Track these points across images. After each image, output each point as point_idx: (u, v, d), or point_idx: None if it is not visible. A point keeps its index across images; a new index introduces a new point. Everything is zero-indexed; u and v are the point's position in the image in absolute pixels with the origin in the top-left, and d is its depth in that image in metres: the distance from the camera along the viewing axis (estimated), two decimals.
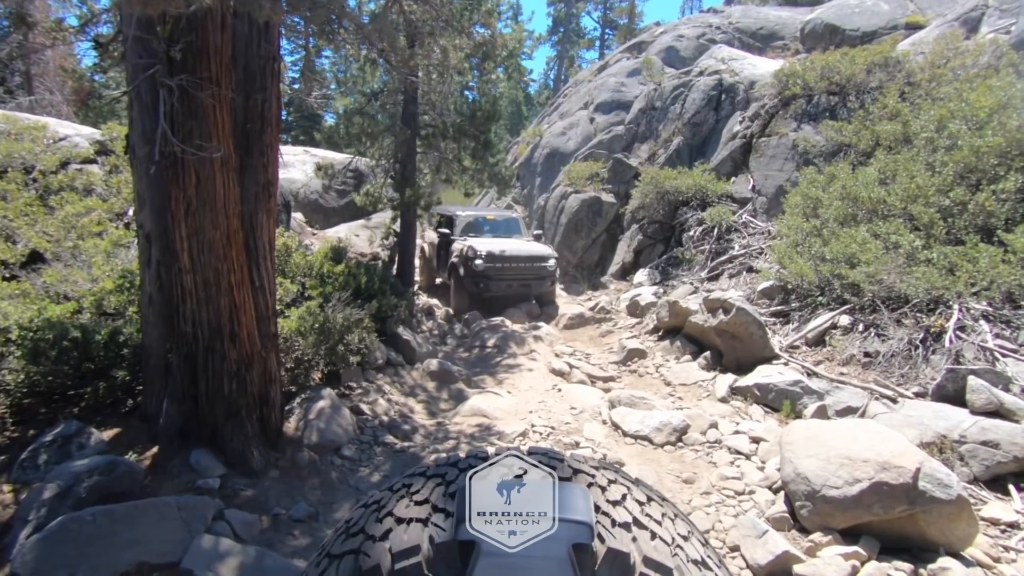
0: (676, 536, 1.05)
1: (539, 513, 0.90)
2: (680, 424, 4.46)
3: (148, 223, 3.67)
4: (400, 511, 1.04)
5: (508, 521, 0.90)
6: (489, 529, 0.88)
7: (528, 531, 0.88)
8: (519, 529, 0.88)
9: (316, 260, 6.17)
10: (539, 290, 9.43)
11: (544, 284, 9.36)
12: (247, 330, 3.62)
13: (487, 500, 0.93)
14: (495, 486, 0.97)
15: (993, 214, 5.53)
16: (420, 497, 1.06)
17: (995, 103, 6.32)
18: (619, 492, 1.09)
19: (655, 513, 1.08)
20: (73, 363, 3.72)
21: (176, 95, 3.06)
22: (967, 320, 4.84)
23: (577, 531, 0.89)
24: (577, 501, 0.95)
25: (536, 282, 9.24)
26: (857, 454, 3.05)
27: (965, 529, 2.89)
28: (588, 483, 1.08)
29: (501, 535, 0.88)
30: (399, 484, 1.17)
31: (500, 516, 0.90)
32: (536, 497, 0.94)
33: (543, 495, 0.94)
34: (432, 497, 1.04)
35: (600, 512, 0.99)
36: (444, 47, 5.82)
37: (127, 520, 2.70)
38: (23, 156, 7.70)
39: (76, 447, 3.29)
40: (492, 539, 0.87)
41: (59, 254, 6.13)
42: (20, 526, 2.72)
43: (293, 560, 2.85)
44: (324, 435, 4.03)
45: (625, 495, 1.08)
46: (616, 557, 0.90)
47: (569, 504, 0.93)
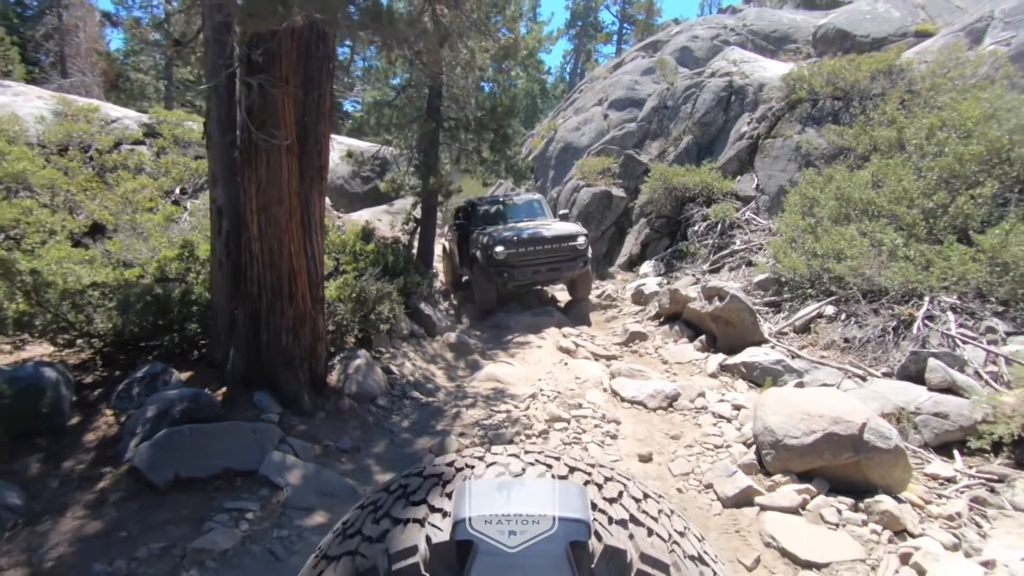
0: (673, 532, 1.05)
1: (539, 514, 0.89)
2: (672, 392, 5.05)
3: (220, 198, 4.30)
4: (397, 512, 1.03)
5: (508, 521, 0.88)
6: (488, 529, 0.88)
7: (528, 531, 0.87)
8: (519, 529, 0.87)
9: (349, 239, 6.80)
10: (571, 273, 8.42)
11: (576, 266, 8.33)
12: (302, 292, 4.25)
13: (485, 500, 0.92)
14: (493, 486, 0.96)
15: (970, 216, 6.02)
16: (417, 498, 1.06)
17: (981, 113, 6.78)
18: (615, 489, 1.08)
19: (651, 510, 1.08)
20: (153, 316, 4.38)
21: (255, 91, 3.67)
22: (936, 311, 5.37)
23: (574, 529, 0.89)
24: (574, 499, 0.93)
25: (567, 264, 8.26)
26: (815, 411, 3.63)
27: (900, 475, 3.46)
28: (584, 481, 1.08)
29: (501, 535, 0.87)
30: (396, 485, 1.16)
31: (499, 516, 0.89)
32: (535, 496, 0.93)
33: (542, 494, 0.93)
34: (429, 498, 1.04)
35: (597, 509, 0.99)
36: (472, 48, 6.38)
37: (214, 436, 3.36)
38: (81, 136, 8.39)
39: (161, 383, 3.95)
40: (491, 539, 0.87)
41: (119, 226, 6.80)
42: (128, 438, 3.38)
43: (343, 478, 3.49)
44: (361, 387, 4.67)
45: (621, 492, 1.08)
46: (613, 554, 0.90)
47: (566, 502, 0.92)
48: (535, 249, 8.10)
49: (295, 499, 3.13)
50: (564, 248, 8.23)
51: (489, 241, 8.08)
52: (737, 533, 3.21)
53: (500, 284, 8.13)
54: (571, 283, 8.79)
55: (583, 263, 8.40)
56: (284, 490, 3.17)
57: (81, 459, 3.31)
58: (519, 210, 9.63)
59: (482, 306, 8.43)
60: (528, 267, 8.07)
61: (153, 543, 2.65)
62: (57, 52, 23.89)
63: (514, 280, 8.09)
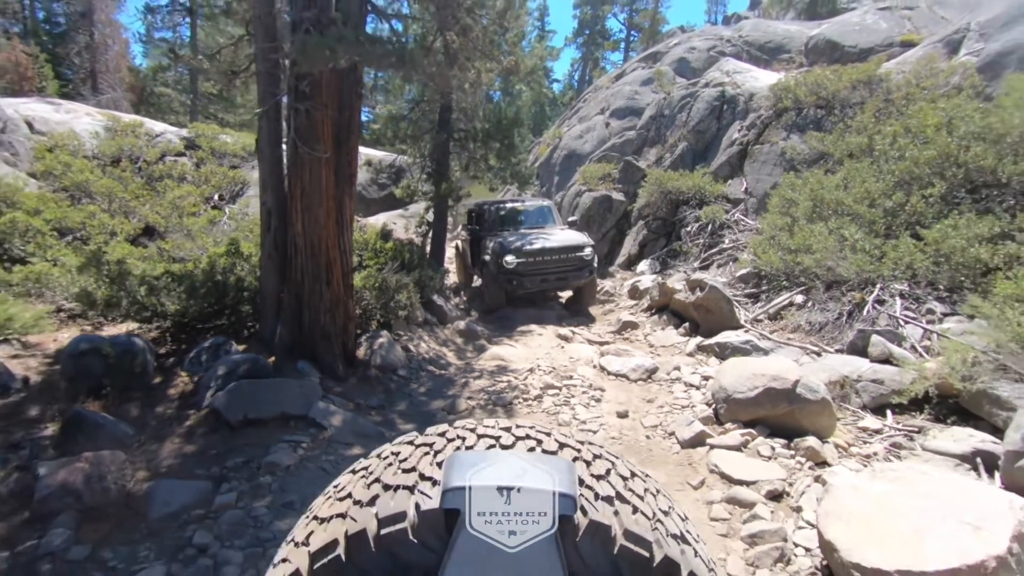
0: (657, 511, 1.06)
1: (528, 487, 0.90)
2: (651, 366, 5.84)
3: (269, 201, 5.19)
4: (388, 478, 1.04)
5: (498, 492, 0.89)
6: (477, 500, 0.89)
7: (517, 504, 0.89)
8: (508, 502, 0.89)
9: (370, 238, 7.68)
10: (577, 282, 8.99)
11: (582, 275, 8.90)
12: (337, 280, 5.12)
13: (475, 471, 0.93)
14: (483, 457, 0.97)
15: (922, 214, 6.75)
16: (408, 465, 1.06)
17: (938, 122, 7.50)
18: (603, 467, 1.10)
19: (638, 488, 1.09)
20: (213, 300, 5.27)
21: (302, 114, 4.56)
22: (886, 296, 6.11)
23: (561, 503, 0.89)
24: (562, 474, 0.94)
25: (573, 274, 8.83)
26: (759, 372, 4.40)
27: (827, 422, 4.22)
28: (573, 457, 1.09)
29: (490, 506, 0.88)
30: (388, 452, 1.17)
31: (489, 488, 0.90)
32: (525, 470, 0.94)
33: (532, 468, 0.95)
34: (420, 466, 1.05)
35: (584, 485, 1.00)
36: (479, 68, 7.24)
37: (271, 389, 4.22)
38: (130, 149, 9.41)
39: (223, 352, 4.82)
40: (479, 510, 0.88)
41: (169, 228, 7.76)
42: (204, 391, 4.26)
43: (374, 425, 4.33)
44: (384, 360, 5.52)
45: (609, 470, 1.10)
46: (598, 529, 0.92)
47: (555, 476, 0.93)
48: (544, 259, 8.59)
49: (337, 436, 3.98)
50: (571, 259, 8.75)
51: (500, 249, 8.62)
52: (690, 465, 3.99)
53: (509, 290, 8.66)
54: (577, 291, 9.34)
55: (589, 272, 8.95)
56: (328, 429, 4.02)
57: (168, 406, 4.19)
58: (530, 216, 10.10)
59: (491, 306, 9.01)
60: (537, 276, 8.60)
61: (235, 458, 3.50)
62: (88, 68, 25.26)
63: (523, 287, 8.62)
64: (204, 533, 2.78)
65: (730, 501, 3.45)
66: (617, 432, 4.54)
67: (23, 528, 2.70)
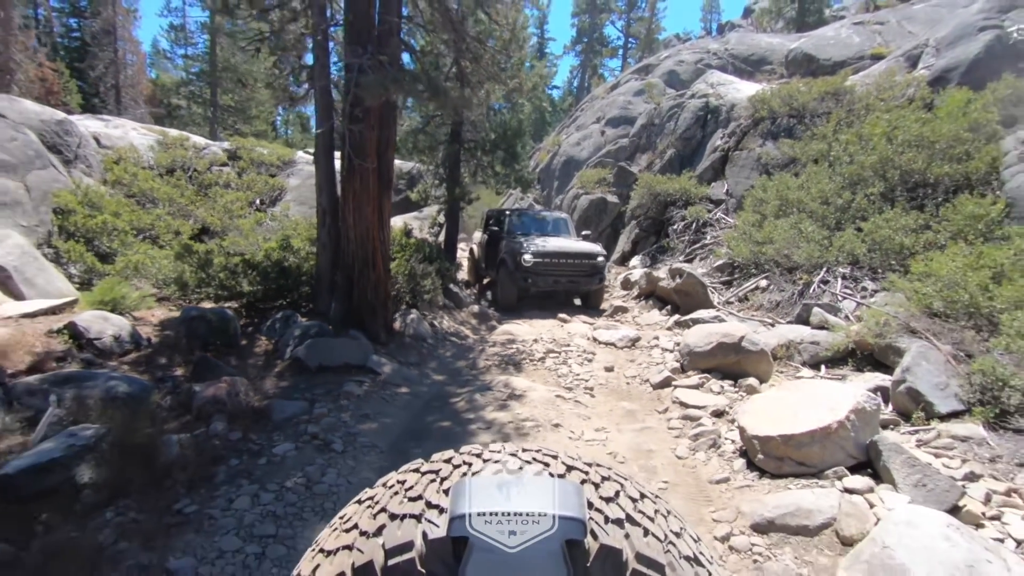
0: (669, 533, 1.04)
1: (537, 512, 0.88)
2: (634, 336, 7.09)
3: (324, 202, 6.46)
4: (394, 507, 1.03)
5: (508, 520, 0.88)
6: (486, 527, 0.87)
7: (526, 530, 0.87)
8: (517, 528, 0.87)
9: (396, 234, 8.94)
10: (587, 287, 9.50)
11: (592, 281, 9.40)
12: (379, 264, 6.38)
13: (483, 497, 0.91)
14: (491, 483, 0.96)
15: (865, 210, 8.00)
16: (414, 493, 1.05)
17: (883, 131, 8.76)
18: (612, 489, 1.08)
19: (648, 510, 1.07)
20: (281, 282, 6.54)
21: (356, 134, 5.83)
22: (830, 278, 7.35)
23: (570, 527, 0.88)
24: (570, 497, 0.92)
25: (584, 279, 9.36)
26: (715, 331, 5.65)
27: (766, 368, 5.46)
28: (581, 480, 1.08)
29: (500, 534, 0.87)
30: (393, 480, 1.16)
31: (497, 514, 0.88)
32: (533, 494, 0.92)
33: (539, 492, 0.93)
34: (426, 493, 1.03)
35: (593, 508, 0.99)
36: (487, 89, 8.54)
37: (336, 345, 5.49)
38: (182, 160, 10.72)
39: (292, 322, 6.08)
40: (488, 536, 0.86)
41: (224, 227, 9.04)
42: (284, 348, 5.53)
43: (415, 375, 5.58)
44: (416, 331, 6.78)
45: (618, 492, 1.08)
46: (609, 553, 0.90)
47: (563, 500, 0.91)
48: (559, 262, 9.15)
49: (389, 380, 5.24)
50: (585, 264, 9.37)
51: (520, 248, 9.17)
52: (659, 400, 5.23)
53: (523, 288, 9.15)
54: (585, 295, 9.95)
55: (599, 279, 9.60)
56: (382, 375, 5.28)
57: (258, 359, 5.45)
58: (548, 225, 10.82)
59: (504, 305, 9.51)
60: (550, 276, 9.13)
61: (318, 390, 4.76)
62: (112, 84, 26.71)
63: (536, 286, 9.12)
64: (313, 427, 4.04)
65: (684, 417, 4.69)
66: (604, 380, 5.78)
67: (190, 424, 3.95)
